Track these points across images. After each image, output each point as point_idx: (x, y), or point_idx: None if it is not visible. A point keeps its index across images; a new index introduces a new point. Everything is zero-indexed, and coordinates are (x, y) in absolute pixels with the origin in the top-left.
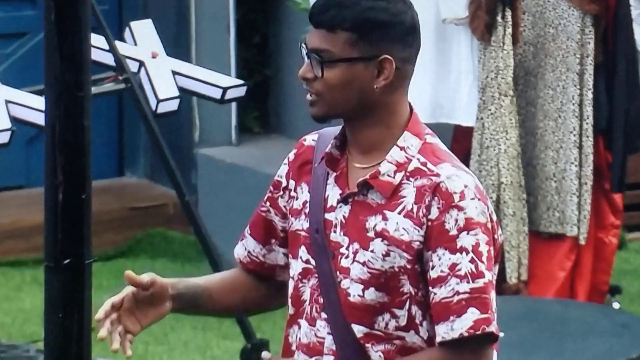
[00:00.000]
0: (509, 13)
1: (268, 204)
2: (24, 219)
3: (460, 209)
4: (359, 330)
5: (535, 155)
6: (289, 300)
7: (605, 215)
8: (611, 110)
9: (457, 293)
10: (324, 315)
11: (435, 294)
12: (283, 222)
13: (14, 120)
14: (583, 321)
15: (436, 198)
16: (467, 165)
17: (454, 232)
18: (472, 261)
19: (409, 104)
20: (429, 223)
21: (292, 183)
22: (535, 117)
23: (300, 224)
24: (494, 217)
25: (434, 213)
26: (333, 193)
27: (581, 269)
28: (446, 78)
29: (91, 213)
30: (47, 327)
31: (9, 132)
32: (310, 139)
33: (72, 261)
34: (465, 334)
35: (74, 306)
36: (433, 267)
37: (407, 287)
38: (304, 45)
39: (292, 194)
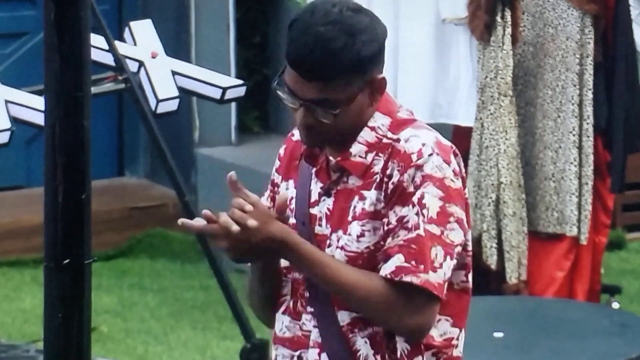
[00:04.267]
0: (508, 13)
1: (270, 203)
2: (24, 219)
3: (418, 167)
4: (346, 316)
5: (534, 155)
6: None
7: (597, 214)
8: (611, 110)
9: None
10: (309, 309)
11: (386, 244)
12: None
13: (14, 120)
14: (583, 321)
15: (395, 161)
16: (466, 165)
17: (410, 189)
18: (417, 214)
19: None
20: (391, 185)
21: (279, 178)
22: (535, 117)
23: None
24: (460, 169)
25: (396, 176)
26: (316, 187)
27: (580, 269)
28: (445, 78)
29: (91, 213)
30: (47, 327)
31: (9, 132)
32: (298, 134)
33: (72, 261)
34: (388, 277)
35: (74, 306)
36: (388, 223)
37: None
38: (286, 93)
39: (277, 190)
